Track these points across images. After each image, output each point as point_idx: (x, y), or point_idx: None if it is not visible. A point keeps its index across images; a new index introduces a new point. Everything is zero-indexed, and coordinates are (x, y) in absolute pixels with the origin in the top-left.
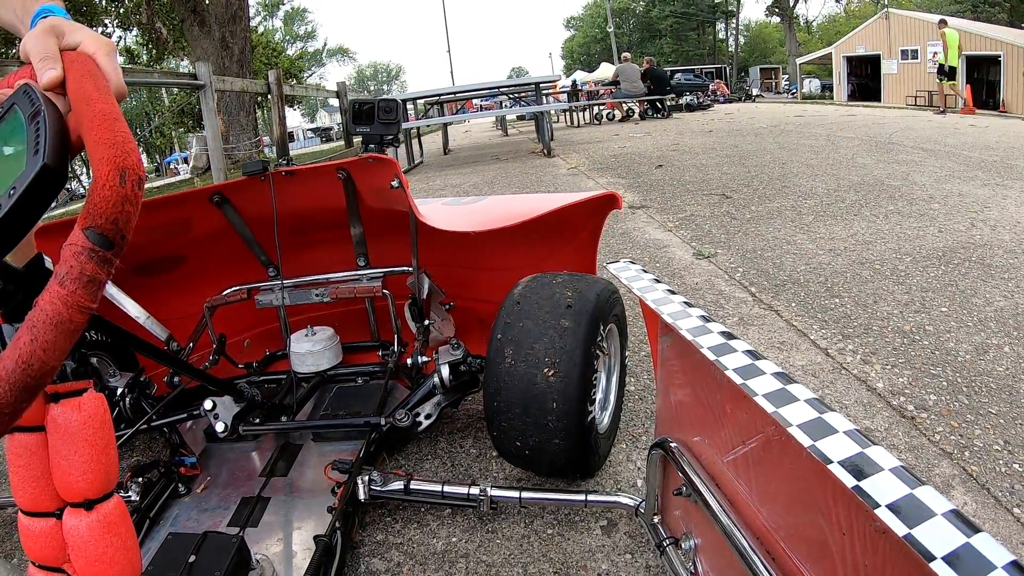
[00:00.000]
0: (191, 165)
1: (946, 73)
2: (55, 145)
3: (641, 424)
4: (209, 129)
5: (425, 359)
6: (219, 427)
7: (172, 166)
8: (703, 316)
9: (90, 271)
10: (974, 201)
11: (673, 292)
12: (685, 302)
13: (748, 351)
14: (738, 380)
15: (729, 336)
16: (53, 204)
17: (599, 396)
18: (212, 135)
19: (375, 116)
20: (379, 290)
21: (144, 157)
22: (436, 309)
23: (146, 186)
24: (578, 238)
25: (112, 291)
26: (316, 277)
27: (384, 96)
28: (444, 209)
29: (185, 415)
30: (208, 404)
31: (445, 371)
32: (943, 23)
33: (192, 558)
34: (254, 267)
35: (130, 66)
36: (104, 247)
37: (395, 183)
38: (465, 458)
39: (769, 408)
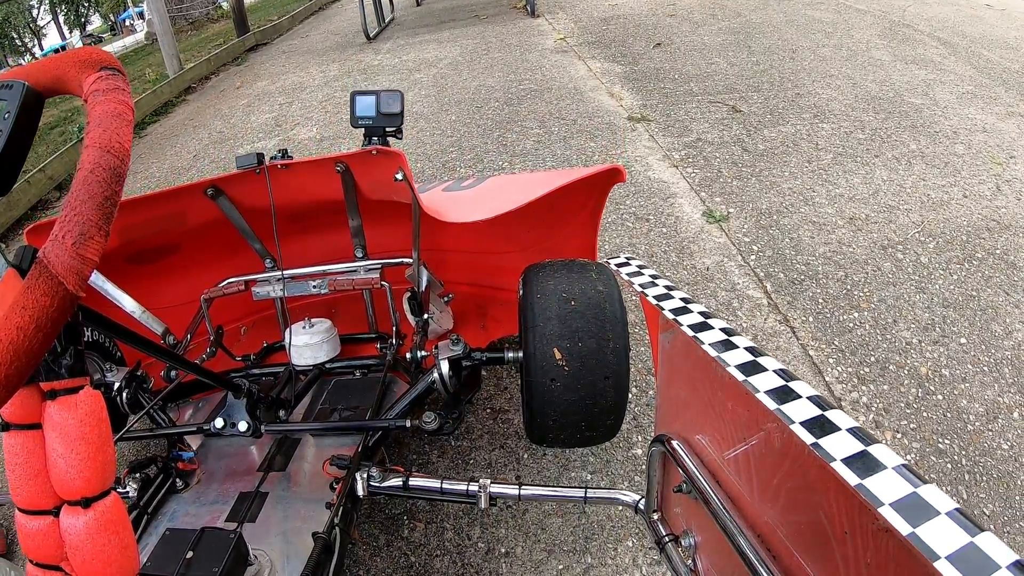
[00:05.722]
0: (145, 31)
1: None
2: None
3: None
4: (155, 13)
5: (424, 354)
6: (242, 427)
7: (127, 23)
8: (704, 312)
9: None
10: (998, 146)
11: (673, 288)
12: (684, 298)
13: (749, 347)
14: (740, 376)
15: (730, 332)
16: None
17: None
18: (159, 19)
19: (377, 109)
20: (377, 282)
21: (96, 17)
22: (435, 301)
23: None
24: (579, 217)
25: (107, 286)
26: (313, 269)
27: (387, 89)
28: (444, 196)
29: (195, 428)
30: (219, 422)
31: (445, 367)
32: None
33: (190, 554)
34: (250, 257)
35: None
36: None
37: (399, 175)
38: (463, 453)
39: (771, 405)
